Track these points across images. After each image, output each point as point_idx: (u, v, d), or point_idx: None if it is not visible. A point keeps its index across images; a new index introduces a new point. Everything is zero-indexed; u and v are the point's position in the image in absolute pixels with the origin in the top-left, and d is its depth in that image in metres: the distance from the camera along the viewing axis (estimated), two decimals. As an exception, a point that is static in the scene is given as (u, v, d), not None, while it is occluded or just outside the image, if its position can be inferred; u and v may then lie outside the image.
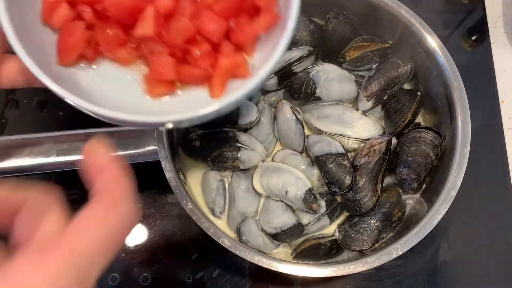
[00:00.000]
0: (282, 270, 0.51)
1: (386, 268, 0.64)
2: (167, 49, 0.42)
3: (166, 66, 0.42)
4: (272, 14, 0.43)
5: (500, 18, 0.81)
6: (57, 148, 0.55)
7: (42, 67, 0.37)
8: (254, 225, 0.59)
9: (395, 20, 0.61)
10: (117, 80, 0.44)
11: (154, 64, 0.42)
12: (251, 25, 0.43)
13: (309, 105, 0.64)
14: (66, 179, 0.69)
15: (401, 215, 0.60)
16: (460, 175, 0.55)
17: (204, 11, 0.42)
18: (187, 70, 0.43)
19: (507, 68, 0.77)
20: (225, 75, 0.43)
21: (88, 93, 0.40)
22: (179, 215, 0.67)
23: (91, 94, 0.41)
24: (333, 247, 0.59)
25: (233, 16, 0.43)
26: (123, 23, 0.42)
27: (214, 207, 0.61)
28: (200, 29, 0.42)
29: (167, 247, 0.65)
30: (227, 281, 0.63)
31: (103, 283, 0.63)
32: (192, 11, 0.41)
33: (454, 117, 0.58)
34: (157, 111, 0.42)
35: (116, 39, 0.42)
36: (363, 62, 0.63)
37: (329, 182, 0.58)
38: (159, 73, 0.42)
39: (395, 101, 0.63)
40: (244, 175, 0.61)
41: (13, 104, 0.73)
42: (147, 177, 0.68)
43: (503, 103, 0.74)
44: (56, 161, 0.55)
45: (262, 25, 0.43)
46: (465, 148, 0.56)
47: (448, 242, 0.66)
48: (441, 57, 0.59)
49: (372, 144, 0.59)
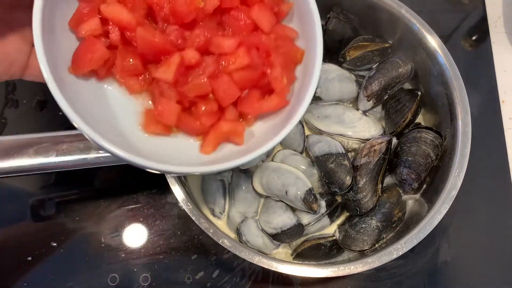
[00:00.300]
0: (282, 270, 0.51)
1: (387, 269, 0.64)
2: (178, 96, 0.43)
3: (171, 112, 0.43)
4: (282, 99, 0.45)
5: (500, 18, 0.81)
6: (57, 148, 0.55)
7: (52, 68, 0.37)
8: (254, 225, 0.59)
9: (395, 19, 0.61)
10: (118, 103, 0.44)
11: (161, 105, 0.43)
12: (260, 102, 0.45)
13: (309, 105, 0.63)
14: (66, 179, 0.70)
15: (401, 215, 0.60)
16: (460, 175, 0.55)
17: (223, 75, 0.43)
18: (188, 120, 0.44)
19: (507, 68, 0.77)
20: (221, 138, 0.45)
21: (85, 108, 0.40)
22: (179, 215, 0.66)
23: (87, 109, 0.40)
24: (333, 247, 0.59)
25: (248, 88, 0.45)
26: (146, 57, 0.43)
27: (214, 207, 0.61)
28: (214, 91, 0.43)
29: (167, 247, 0.65)
30: (227, 281, 0.63)
31: (103, 283, 0.63)
32: (213, 71, 0.43)
33: (454, 117, 0.58)
34: (145, 149, 0.43)
35: (133, 69, 0.43)
36: (363, 62, 0.63)
37: (329, 182, 0.58)
38: (162, 116, 0.43)
39: (396, 101, 0.63)
40: (244, 175, 0.61)
41: (12, 104, 0.73)
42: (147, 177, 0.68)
43: (503, 103, 0.74)
44: (56, 161, 0.55)
45: (270, 106, 0.45)
46: (465, 148, 0.56)
47: (448, 242, 0.66)
48: (441, 57, 0.59)
49: (373, 144, 0.59)
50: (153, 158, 0.40)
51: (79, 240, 0.65)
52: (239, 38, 0.43)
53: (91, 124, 0.38)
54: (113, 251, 0.65)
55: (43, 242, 0.65)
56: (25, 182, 0.69)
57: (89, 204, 0.67)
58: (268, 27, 0.45)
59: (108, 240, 0.65)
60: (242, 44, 0.43)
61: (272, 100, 0.45)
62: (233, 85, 0.43)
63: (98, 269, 0.64)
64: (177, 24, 0.42)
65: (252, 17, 0.44)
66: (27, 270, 0.63)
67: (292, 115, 0.43)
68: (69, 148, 0.55)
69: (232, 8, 0.44)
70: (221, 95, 0.43)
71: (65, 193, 0.68)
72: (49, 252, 0.64)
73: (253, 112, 0.46)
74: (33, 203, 0.67)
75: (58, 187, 0.68)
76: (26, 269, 0.63)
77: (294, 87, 0.47)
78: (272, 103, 0.45)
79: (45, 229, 0.66)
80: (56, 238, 0.65)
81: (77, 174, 0.69)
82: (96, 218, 0.66)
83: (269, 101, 0.45)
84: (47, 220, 0.67)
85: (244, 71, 0.43)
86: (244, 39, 0.44)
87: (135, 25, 0.41)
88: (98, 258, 0.64)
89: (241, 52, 0.43)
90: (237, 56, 0.43)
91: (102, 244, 0.65)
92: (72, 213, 0.66)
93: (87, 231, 0.66)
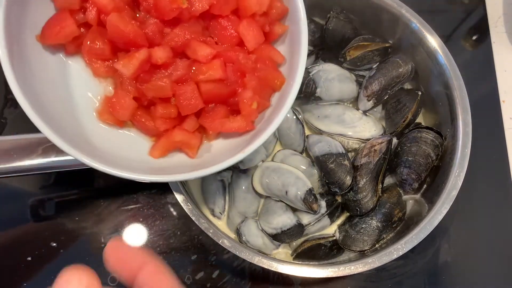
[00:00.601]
0: (282, 270, 0.51)
1: (387, 269, 0.64)
2: (136, 93, 0.41)
3: (124, 107, 0.41)
4: (247, 123, 0.43)
5: (501, 18, 0.81)
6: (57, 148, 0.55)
7: (13, 32, 0.36)
8: (254, 225, 0.59)
9: (395, 19, 0.61)
10: (80, 84, 0.43)
11: (116, 97, 0.41)
12: (223, 121, 0.42)
13: (309, 105, 0.64)
14: (66, 179, 0.70)
15: (401, 215, 0.60)
16: (461, 175, 0.55)
17: (190, 83, 0.41)
18: (143, 118, 0.42)
19: (507, 68, 0.77)
20: (172, 146, 0.43)
21: (40, 82, 0.39)
22: (179, 215, 0.66)
23: (42, 84, 0.39)
24: (333, 247, 0.59)
25: (214, 103, 0.43)
26: (115, 44, 0.41)
27: (214, 207, 0.61)
28: (176, 96, 0.41)
29: (167, 247, 0.65)
30: (227, 281, 0.63)
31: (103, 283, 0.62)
32: (181, 76, 0.41)
33: (455, 117, 0.58)
34: (94, 137, 0.41)
35: (100, 53, 0.41)
36: (363, 61, 0.63)
37: (330, 182, 0.58)
38: (114, 108, 0.41)
39: (396, 101, 0.63)
40: (244, 175, 0.61)
41: (12, 104, 0.73)
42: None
43: (503, 103, 0.74)
44: (56, 161, 0.55)
45: (232, 128, 0.43)
46: (466, 148, 0.55)
47: (448, 242, 0.66)
48: (441, 56, 0.59)
49: (373, 144, 0.59)
50: (98, 152, 0.39)
51: (79, 240, 0.65)
52: (217, 49, 0.41)
53: (39, 102, 0.37)
54: (113, 251, 0.64)
55: (43, 242, 0.65)
56: (25, 182, 0.68)
57: (89, 204, 0.67)
58: (252, 45, 0.42)
59: (108, 240, 0.65)
60: (219, 56, 0.41)
61: (235, 122, 0.43)
62: (197, 96, 0.41)
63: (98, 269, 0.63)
64: (158, 19, 0.40)
65: (238, 31, 0.42)
66: (27, 270, 0.63)
67: (254, 139, 0.41)
68: (69, 148, 0.55)
69: (221, 16, 0.42)
70: (182, 103, 0.41)
71: (65, 193, 0.68)
72: (49, 252, 0.64)
73: (213, 129, 0.43)
74: (33, 203, 0.67)
75: (58, 187, 0.68)
76: (26, 269, 0.63)
77: (265, 114, 0.44)
78: (235, 124, 0.43)
79: (45, 229, 0.66)
80: (56, 238, 0.65)
81: (77, 174, 0.68)
82: (96, 218, 0.66)
83: (232, 122, 0.43)
84: (47, 220, 0.66)
85: (214, 84, 0.41)
86: (223, 52, 0.41)
87: (111, 9, 0.39)
88: (98, 258, 0.64)
89: (215, 64, 0.41)
90: (210, 67, 0.41)
91: (102, 244, 0.65)
92: (72, 213, 0.66)
93: (87, 231, 0.65)
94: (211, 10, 0.41)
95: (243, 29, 0.42)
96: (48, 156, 0.55)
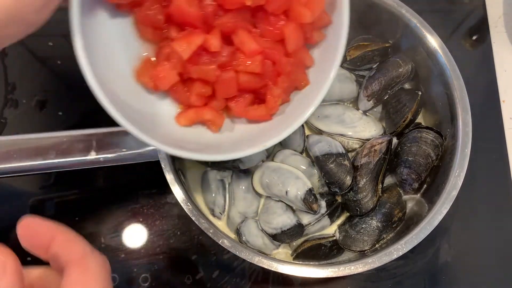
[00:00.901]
0: (282, 270, 0.51)
1: (387, 269, 0.64)
2: (181, 69, 0.44)
3: (168, 79, 0.44)
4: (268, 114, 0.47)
5: (501, 18, 0.81)
6: (57, 148, 0.55)
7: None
8: (254, 225, 0.59)
9: (395, 19, 0.61)
10: (123, 37, 0.44)
11: (162, 68, 0.44)
12: (248, 108, 0.47)
13: (310, 105, 0.64)
14: (66, 179, 0.70)
15: (401, 215, 0.60)
16: (461, 175, 0.54)
17: (230, 71, 0.44)
18: (179, 89, 0.46)
19: (507, 67, 0.77)
20: (198, 119, 0.47)
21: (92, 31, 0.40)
22: (179, 215, 0.66)
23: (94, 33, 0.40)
24: (333, 247, 0.59)
25: (245, 92, 0.46)
26: (172, 18, 0.42)
27: (214, 207, 0.61)
28: (216, 80, 0.44)
29: (167, 247, 0.65)
30: (227, 281, 0.63)
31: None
32: (224, 62, 0.43)
33: (455, 117, 0.58)
34: (124, 93, 0.43)
35: (154, 20, 0.43)
36: (363, 61, 0.63)
37: (330, 182, 0.58)
38: (157, 78, 0.44)
39: (396, 101, 0.62)
40: (244, 175, 0.61)
41: (12, 104, 0.73)
42: (147, 177, 0.68)
43: (504, 103, 0.74)
44: (56, 161, 0.55)
45: (255, 115, 0.47)
46: (466, 148, 0.55)
47: (449, 242, 0.66)
48: (441, 56, 0.59)
49: (373, 144, 0.59)
50: (128, 110, 0.41)
51: (79, 240, 0.65)
52: (262, 46, 0.43)
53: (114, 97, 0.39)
54: (113, 251, 0.64)
55: (43, 242, 0.65)
56: (25, 182, 0.69)
57: (89, 204, 0.67)
58: (292, 48, 0.45)
59: (108, 240, 0.65)
60: (262, 53, 0.43)
61: (258, 110, 0.46)
62: (234, 84, 0.44)
63: (98, 269, 0.64)
64: (216, 2, 0.42)
65: (284, 31, 0.44)
66: (26, 270, 0.63)
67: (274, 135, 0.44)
68: (69, 148, 0.55)
69: (272, 13, 0.43)
70: (220, 87, 0.44)
71: (65, 193, 0.68)
72: (49, 252, 0.64)
73: (237, 113, 0.47)
74: (33, 203, 0.67)
75: (58, 187, 0.68)
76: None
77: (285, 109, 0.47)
78: (257, 113, 0.46)
79: (45, 229, 0.66)
80: (56, 238, 0.65)
81: (77, 174, 0.68)
82: (96, 218, 0.66)
83: (256, 110, 0.46)
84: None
85: (251, 77, 0.44)
86: (267, 50, 0.44)
87: None
88: (98, 258, 0.64)
89: (257, 59, 0.43)
90: (253, 61, 0.43)
91: (102, 244, 0.65)
92: (72, 213, 0.66)
93: (87, 231, 0.65)
94: (265, 6, 0.43)
95: (289, 32, 0.44)
96: (48, 156, 0.55)
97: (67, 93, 0.73)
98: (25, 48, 0.75)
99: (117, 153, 0.55)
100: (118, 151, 0.56)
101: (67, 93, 0.73)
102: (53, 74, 0.75)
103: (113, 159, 0.55)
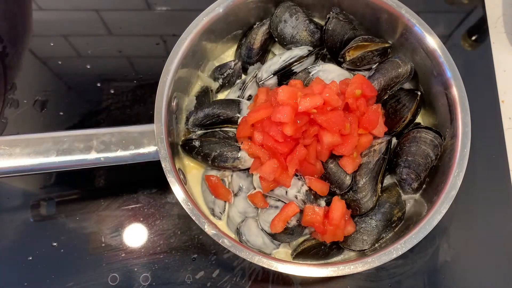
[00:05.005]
0: (282, 270, 0.51)
1: (386, 268, 0.64)
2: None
3: (271, 172, 0.55)
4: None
5: (500, 18, 0.81)
6: (57, 148, 0.55)
7: None
8: (254, 225, 0.59)
9: (395, 20, 0.61)
10: None
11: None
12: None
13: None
14: (67, 179, 0.70)
15: (401, 215, 0.60)
16: (460, 175, 0.55)
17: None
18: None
19: (507, 68, 0.77)
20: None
21: None
22: (179, 215, 0.67)
23: None
24: (333, 247, 0.59)
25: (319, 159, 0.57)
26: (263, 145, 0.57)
27: (214, 207, 0.61)
28: (304, 164, 0.56)
29: (167, 247, 0.65)
30: (227, 281, 0.63)
31: (104, 282, 0.63)
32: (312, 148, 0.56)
33: (454, 117, 0.58)
34: None
35: (255, 143, 0.57)
36: (363, 62, 0.63)
37: (329, 182, 0.58)
38: (265, 173, 0.55)
39: (395, 101, 0.63)
40: (244, 175, 0.61)
41: (12, 104, 0.73)
42: (147, 177, 0.68)
43: (503, 103, 0.74)
44: (56, 161, 0.55)
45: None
46: (465, 148, 0.56)
47: (448, 242, 0.66)
48: (441, 57, 0.59)
49: (372, 144, 0.59)
50: None
51: (79, 240, 0.65)
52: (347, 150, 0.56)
53: None
54: (114, 250, 0.65)
55: (43, 242, 0.65)
56: (25, 182, 0.69)
57: (89, 204, 0.67)
58: (363, 148, 0.58)
59: (108, 239, 0.65)
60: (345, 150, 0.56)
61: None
62: (317, 173, 0.57)
63: (98, 269, 0.64)
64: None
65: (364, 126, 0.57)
66: (27, 270, 0.64)
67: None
68: (69, 148, 0.55)
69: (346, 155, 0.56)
70: (304, 170, 0.57)
71: (65, 193, 0.68)
72: (49, 252, 0.64)
73: (308, 172, 0.57)
74: (34, 203, 0.67)
75: (58, 187, 0.68)
76: (26, 269, 0.64)
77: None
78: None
79: (45, 229, 0.66)
80: (56, 238, 0.65)
81: (77, 174, 0.69)
82: (96, 218, 0.66)
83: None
84: (47, 220, 0.67)
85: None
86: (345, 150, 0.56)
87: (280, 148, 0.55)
88: (99, 258, 0.64)
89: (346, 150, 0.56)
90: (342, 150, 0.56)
91: (103, 243, 0.65)
92: (72, 213, 0.66)
93: (87, 231, 0.66)
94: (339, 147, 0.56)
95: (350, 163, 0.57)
96: (48, 156, 0.55)
97: (67, 93, 0.73)
98: (26, 48, 0.75)
99: (117, 153, 0.56)
100: (118, 151, 0.56)
101: (67, 93, 0.73)
102: (54, 74, 0.75)
103: (113, 159, 0.56)
